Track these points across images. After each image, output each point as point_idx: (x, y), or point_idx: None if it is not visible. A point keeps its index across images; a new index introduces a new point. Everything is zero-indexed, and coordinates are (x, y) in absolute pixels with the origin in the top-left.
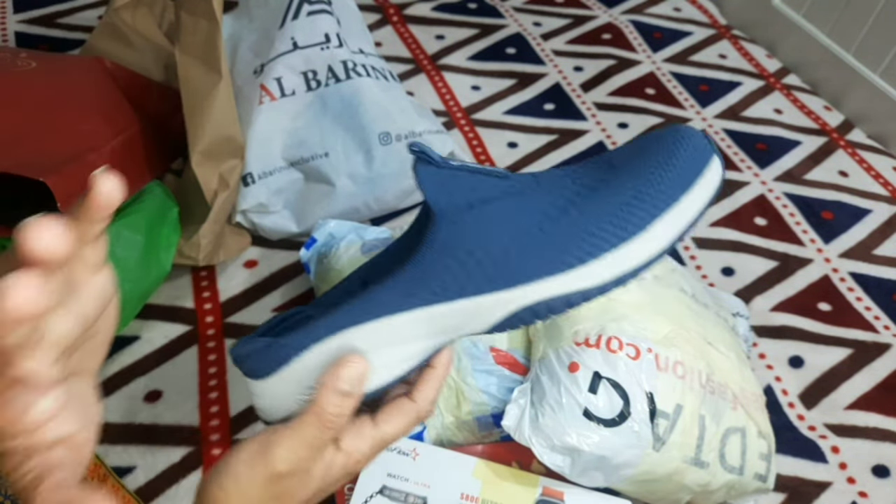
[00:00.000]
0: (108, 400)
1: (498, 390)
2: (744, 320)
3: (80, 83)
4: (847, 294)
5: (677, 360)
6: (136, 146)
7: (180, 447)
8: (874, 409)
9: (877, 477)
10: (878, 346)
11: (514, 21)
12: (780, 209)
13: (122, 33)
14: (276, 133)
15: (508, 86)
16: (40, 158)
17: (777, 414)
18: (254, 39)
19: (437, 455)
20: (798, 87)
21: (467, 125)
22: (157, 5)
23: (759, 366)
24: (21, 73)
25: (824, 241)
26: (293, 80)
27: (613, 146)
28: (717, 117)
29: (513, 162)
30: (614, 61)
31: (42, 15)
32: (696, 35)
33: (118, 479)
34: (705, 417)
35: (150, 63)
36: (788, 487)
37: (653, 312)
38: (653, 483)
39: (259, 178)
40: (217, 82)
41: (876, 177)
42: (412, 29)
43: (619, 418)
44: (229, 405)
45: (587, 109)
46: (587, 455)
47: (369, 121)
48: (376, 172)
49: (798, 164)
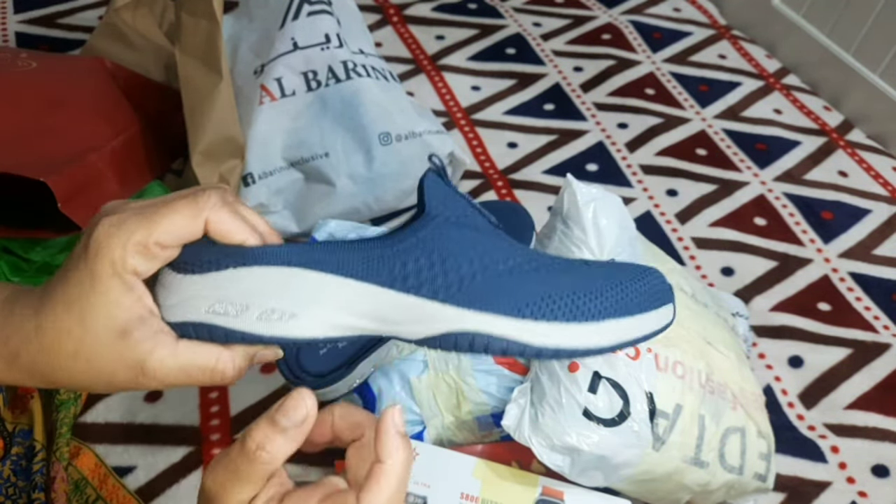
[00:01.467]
0: (108, 400)
1: (498, 390)
2: (743, 320)
3: (81, 83)
4: (847, 294)
5: (677, 360)
6: (136, 146)
7: (180, 447)
8: (874, 408)
9: (876, 477)
10: (878, 346)
11: (514, 21)
12: (779, 209)
13: (122, 33)
14: (276, 133)
15: (508, 86)
16: (40, 158)
17: (777, 414)
18: (254, 39)
19: (437, 455)
20: (798, 88)
21: (467, 125)
22: (158, 5)
23: (759, 366)
24: (21, 74)
25: (824, 241)
26: (293, 80)
27: (613, 146)
28: (716, 117)
29: (513, 162)
30: (614, 61)
31: (42, 15)
32: (695, 35)
33: (118, 479)
34: (705, 417)
35: (150, 63)
36: (788, 487)
37: None
38: (652, 483)
39: (259, 178)
40: (217, 82)
41: (875, 177)
42: (412, 29)
43: (618, 418)
44: (229, 405)
45: (587, 110)
46: (587, 455)
47: (369, 121)
48: (376, 172)
49: (798, 165)
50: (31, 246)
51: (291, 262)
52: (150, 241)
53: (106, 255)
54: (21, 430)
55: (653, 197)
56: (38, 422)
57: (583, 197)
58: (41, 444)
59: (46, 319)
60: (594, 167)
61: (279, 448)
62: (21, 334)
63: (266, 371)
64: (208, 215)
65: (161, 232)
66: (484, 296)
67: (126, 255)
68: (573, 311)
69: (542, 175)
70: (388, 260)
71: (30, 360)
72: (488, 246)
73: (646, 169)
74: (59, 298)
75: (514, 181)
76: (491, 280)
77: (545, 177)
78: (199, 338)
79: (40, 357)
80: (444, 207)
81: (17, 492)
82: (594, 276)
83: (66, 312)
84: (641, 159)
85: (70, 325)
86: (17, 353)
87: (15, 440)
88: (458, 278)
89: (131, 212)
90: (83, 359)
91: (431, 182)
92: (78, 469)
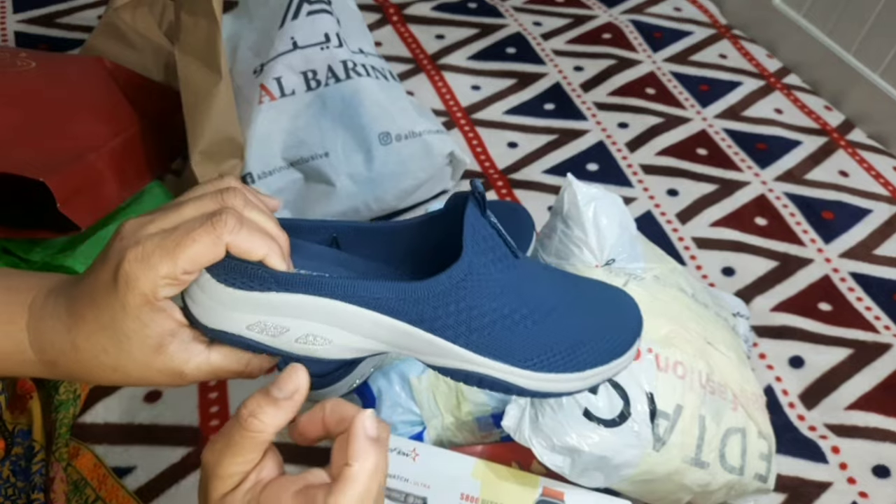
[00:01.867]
0: (108, 400)
1: None
2: (744, 320)
3: (80, 83)
4: (847, 294)
5: (677, 361)
6: (136, 146)
7: (180, 447)
8: (874, 409)
9: (877, 477)
10: (879, 346)
11: (514, 21)
12: (780, 209)
13: (121, 33)
14: (275, 133)
15: (508, 85)
16: (40, 158)
17: (777, 414)
18: (254, 39)
19: (437, 455)
20: (798, 87)
21: (467, 125)
22: (157, 5)
23: (760, 366)
24: (21, 73)
25: (825, 241)
26: (293, 79)
27: (614, 146)
28: (717, 117)
29: (513, 161)
30: (614, 61)
31: (42, 15)
32: (696, 35)
33: (118, 480)
34: (705, 418)
35: (150, 63)
36: (789, 488)
37: (653, 312)
38: (653, 483)
39: (259, 178)
40: (217, 82)
41: (876, 177)
42: (412, 29)
43: (619, 418)
44: (229, 405)
45: (587, 109)
46: (587, 455)
47: (369, 120)
48: (376, 172)
49: (798, 164)
50: (30, 246)
51: (335, 295)
52: (177, 273)
53: (136, 289)
54: (20, 431)
55: (653, 197)
56: (37, 422)
57: (583, 197)
58: (40, 444)
59: (80, 337)
60: (594, 167)
61: (270, 417)
62: (56, 348)
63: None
64: (228, 240)
65: (185, 262)
66: (499, 345)
67: (156, 289)
68: (567, 363)
69: (542, 175)
70: (421, 303)
71: (68, 370)
72: (511, 291)
73: (646, 169)
74: (90, 319)
75: (514, 181)
76: (507, 329)
77: (545, 176)
78: (235, 346)
79: (78, 367)
80: (478, 247)
81: (16, 492)
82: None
83: (100, 333)
84: (642, 159)
85: (105, 345)
86: (56, 363)
87: (14, 440)
88: (480, 326)
89: (153, 244)
90: (122, 372)
91: (472, 217)
92: (77, 469)
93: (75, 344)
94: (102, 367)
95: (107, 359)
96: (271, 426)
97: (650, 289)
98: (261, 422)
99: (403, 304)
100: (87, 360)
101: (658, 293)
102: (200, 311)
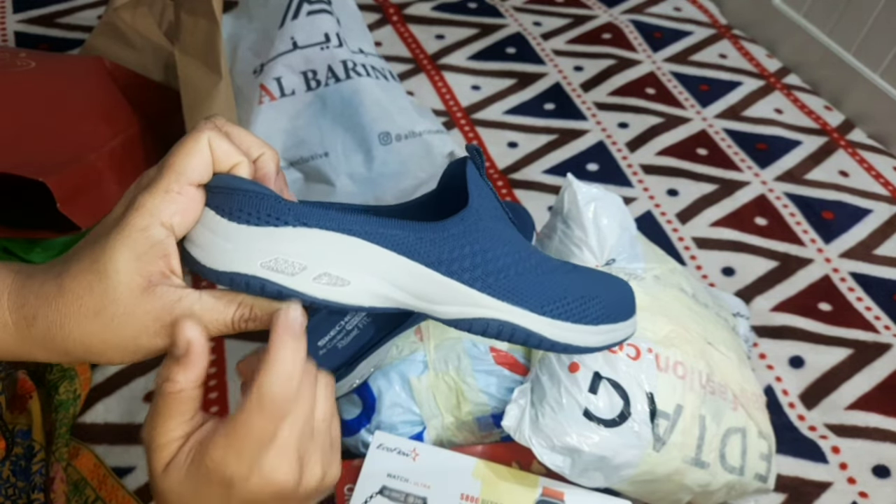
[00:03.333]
0: (108, 400)
1: (498, 390)
2: (744, 320)
3: (80, 83)
4: (847, 294)
5: (677, 361)
6: (136, 146)
7: None
8: (874, 409)
9: (877, 477)
10: (879, 346)
11: (514, 21)
12: (780, 209)
13: (121, 33)
14: (275, 133)
15: (508, 85)
16: (40, 158)
17: (777, 414)
18: (253, 39)
19: (437, 455)
20: (798, 87)
21: (467, 125)
22: (157, 5)
23: (760, 366)
24: (20, 73)
25: (825, 241)
26: (293, 79)
27: (614, 146)
28: (717, 117)
29: (513, 161)
30: (614, 61)
31: (42, 15)
32: (696, 35)
33: (118, 480)
34: (706, 418)
35: (150, 63)
36: (789, 488)
37: (653, 312)
38: (653, 483)
39: None
40: (217, 82)
41: (876, 177)
42: (412, 29)
43: (619, 418)
44: (229, 405)
45: (587, 109)
46: (587, 455)
47: (369, 120)
48: (376, 172)
49: (798, 164)
50: (31, 246)
51: (353, 231)
52: (171, 184)
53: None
54: (20, 431)
55: (653, 197)
56: (36, 422)
57: (583, 197)
58: (40, 444)
59: (68, 278)
60: (594, 167)
61: (179, 374)
62: (40, 296)
63: None
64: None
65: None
66: (515, 290)
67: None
68: (580, 313)
69: (542, 175)
70: (437, 244)
71: (46, 325)
72: (516, 243)
73: (646, 169)
74: (83, 257)
75: (514, 181)
76: (521, 276)
77: (545, 176)
78: (250, 291)
79: (58, 319)
80: (482, 200)
81: (16, 492)
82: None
83: (88, 270)
84: (642, 159)
85: (91, 282)
86: (34, 317)
87: (14, 440)
88: (496, 269)
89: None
90: (106, 317)
91: (472, 174)
92: (77, 469)
93: (61, 285)
94: (84, 310)
95: (90, 299)
96: (184, 382)
97: (650, 289)
98: (173, 381)
99: (421, 243)
100: (69, 303)
101: (658, 293)
102: (206, 255)
